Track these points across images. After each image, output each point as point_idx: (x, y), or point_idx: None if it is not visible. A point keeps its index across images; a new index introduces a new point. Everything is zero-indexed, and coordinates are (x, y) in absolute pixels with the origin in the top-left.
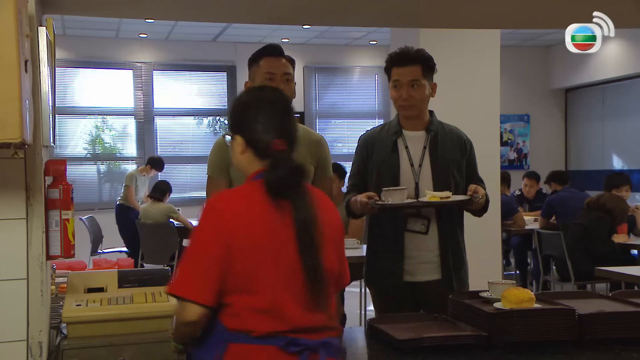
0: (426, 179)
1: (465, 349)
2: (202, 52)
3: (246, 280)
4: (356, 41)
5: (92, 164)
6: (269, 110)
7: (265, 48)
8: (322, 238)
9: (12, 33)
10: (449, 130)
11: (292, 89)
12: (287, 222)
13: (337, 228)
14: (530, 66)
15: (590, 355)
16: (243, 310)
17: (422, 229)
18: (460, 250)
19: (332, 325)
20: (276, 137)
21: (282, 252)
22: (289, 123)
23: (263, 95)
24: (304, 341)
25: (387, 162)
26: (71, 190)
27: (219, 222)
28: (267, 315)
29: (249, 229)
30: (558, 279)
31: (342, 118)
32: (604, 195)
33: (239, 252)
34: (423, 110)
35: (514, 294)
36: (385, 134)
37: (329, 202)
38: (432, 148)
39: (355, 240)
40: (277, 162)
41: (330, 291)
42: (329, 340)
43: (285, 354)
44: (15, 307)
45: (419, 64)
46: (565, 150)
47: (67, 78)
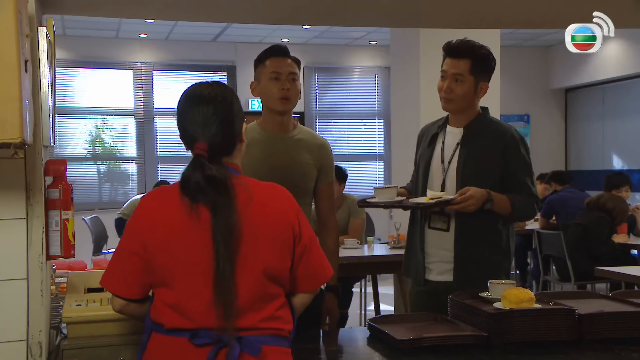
0: (453, 177)
1: (465, 349)
2: (202, 52)
3: (162, 274)
4: (356, 41)
5: (92, 164)
6: (196, 110)
7: (271, 48)
8: (251, 240)
9: (12, 33)
10: (493, 128)
11: (298, 89)
12: (204, 224)
13: (280, 228)
14: (530, 66)
15: (590, 355)
16: (159, 302)
17: (443, 227)
18: (481, 255)
19: (256, 326)
20: (198, 140)
21: (196, 253)
22: (216, 127)
23: (196, 93)
24: (213, 334)
25: (424, 155)
26: (71, 190)
27: (138, 218)
28: (175, 310)
29: (164, 225)
30: (558, 279)
31: (342, 118)
32: (604, 195)
33: (153, 248)
34: (465, 107)
35: (514, 294)
36: (434, 127)
37: (275, 201)
38: (464, 146)
39: (355, 240)
40: (192, 167)
41: (275, 291)
42: (251, 337)
43: (193, 346)
44: (15, 307)
45: (469, 59)
46: (565, 150)
47: (67, 78)
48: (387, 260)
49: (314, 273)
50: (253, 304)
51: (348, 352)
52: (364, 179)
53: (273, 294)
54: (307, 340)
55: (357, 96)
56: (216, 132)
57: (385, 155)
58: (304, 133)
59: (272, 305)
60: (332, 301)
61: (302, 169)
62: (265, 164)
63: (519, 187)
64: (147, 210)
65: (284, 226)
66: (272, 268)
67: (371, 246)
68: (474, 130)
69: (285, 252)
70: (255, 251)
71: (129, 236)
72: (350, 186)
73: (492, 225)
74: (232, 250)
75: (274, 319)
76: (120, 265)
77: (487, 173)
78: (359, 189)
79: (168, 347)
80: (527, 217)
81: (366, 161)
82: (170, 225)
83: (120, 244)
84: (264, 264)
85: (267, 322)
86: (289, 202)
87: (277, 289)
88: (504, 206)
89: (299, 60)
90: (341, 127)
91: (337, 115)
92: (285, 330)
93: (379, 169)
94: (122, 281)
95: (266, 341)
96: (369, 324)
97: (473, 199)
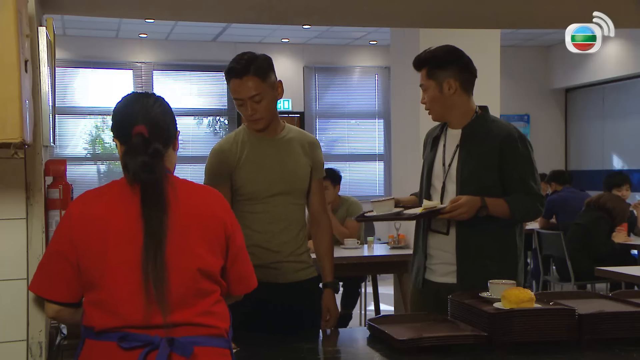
0: (453, 180)
1: (465, 349)
2: (202, 52)
3: (90, 275)
4: (356, 41)
5: (92, 164)
6: (136, 101)
7: (229, 68)
8: (183, 234)
9: (12, 33)
10: (492, 128)
11: (266, 107)
12: (134, 219)
13: (212, 225)
14: (530, 66)
15: (590, 355)
16: (87, 305)
17: (442, 229)
18: (482, 259)
19: (191, 321)
20: (138, 123)
21: (125, 248)
22: (156, 114)
23: (134, 93)
24: (143, 337)
25: (427, 159)
26: (71, 190)
27: (66, 219)
28: (101, 309)
29: (91, 224)
30: (558, 279)
31: (342, 118)
32: (604, 195)
33: (80, 247)
34: (445, 111)
35: (514, 294)
36: (437, 130)
37: (204, 196)
38: (463, 147)
39: (355, 240)
40: (134, 148)
41: (209, 287)
42: (182, 338)
43: (121, 350)
44: (15, 307)
45: (424, 67)
46: (565, 150)
47: (67, 78)
48: (387, 260)
49: (246, 276)
50: (186, 299)
51: (348, 352)
52: (363, 179)
53: (207, 289)
54: (307, 340)
55: (357, 96)
56: (155, 116)
57: (385, 155)
58: (293, 132)
59: (207, 301)
60: (330, 298)
61: (296, 169)
62: (261, 166)
63: (519, 186)
64: (75, 211)
65: (216, 224)
66: (206, 263)
67: (371, 246)
68: (472, 131)
69: (218, 249)
70: (187, 245)
71: (58, 236)
72: (350, 186)
73: (493, 226)
74: (161, 241)
75: (208, 314)
76: (49, 268)
77: (486, 174)
78: (359, 189)
79: (98, 352)
80: (530, 217)
81: (366, 161)
82: (99, 221)
83: (49, 247)
84: (196, 259)
85: (202, 317)
86: (221, 203)
87: (211, 286)
88: (501, 211)
89: (265, 65)
90: (341, 127)
91: (337, 115)
92: (221, 329)
93: (379, 169)
94: (54, 285)
95: (199, 342)
96: (369, 324)
97: (464, 207)
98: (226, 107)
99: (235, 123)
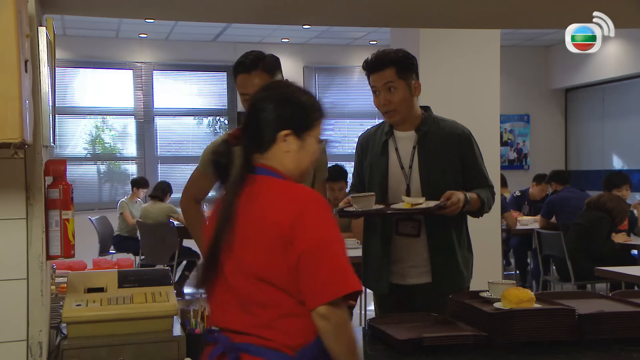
0: (417, 181)
1: (465, 349)
2: (202, 52)
3: None
4: (356, 41)
5: (92, 164)
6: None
7: (236, 64)
8: (243, 239)
9: (12, 33)
10: (443, 127)
11: None
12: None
13: (268, 229)
14: (530, 66)
15: (590, 355)
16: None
17: (412, 232)
18: (454, 254)
19: (247, 332)
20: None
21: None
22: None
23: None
24: (222, 338)
25: (376, 164)
26: (71, 190)
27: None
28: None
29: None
30: (558, 279)
31: (342, 118)
32: (604, 195)
33: None
34: (407, 112)
35: (514, 294)
36: (379, 134)
37: (275, 202)
38: (421, 148)
39: (355, 240)
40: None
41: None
42: (240, 344)
43: (207, 344)
44: (15, 307)
45: (393, 66)
46: (565, 150)
47: (67, 78)
48: None
49: (323, 283)
50: (246, 306)
51: None
52: None
53: (272, 300)
54: None
55: (357, 96)
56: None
57: None
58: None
59: (269, 312)
60: None
61: None
62: None
63: (479, 180)
64: None
65: (272, 228)
66: (262, 269)
67: None
68: (426, 131)
69: (275, 255)
70: (246, 249)
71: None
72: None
73: (458, 225)
74: (221, 240)
75: (268, 328)
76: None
77: (449, 172)
78: None
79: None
80: (490, 208)
81: None
82: None
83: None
84: (254, 264)
85: (260, 329)
86: (290, 204)
87: (278, 295)
88: (475, 204)
89: (272, 61)
90: (341, 127)
91: (337, 115)
92: (285, 346)
93: None
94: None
95: (250, 350)
96: (369, 324)
97: (460, 202)
98: (226, 107)
99: (235, 123)
